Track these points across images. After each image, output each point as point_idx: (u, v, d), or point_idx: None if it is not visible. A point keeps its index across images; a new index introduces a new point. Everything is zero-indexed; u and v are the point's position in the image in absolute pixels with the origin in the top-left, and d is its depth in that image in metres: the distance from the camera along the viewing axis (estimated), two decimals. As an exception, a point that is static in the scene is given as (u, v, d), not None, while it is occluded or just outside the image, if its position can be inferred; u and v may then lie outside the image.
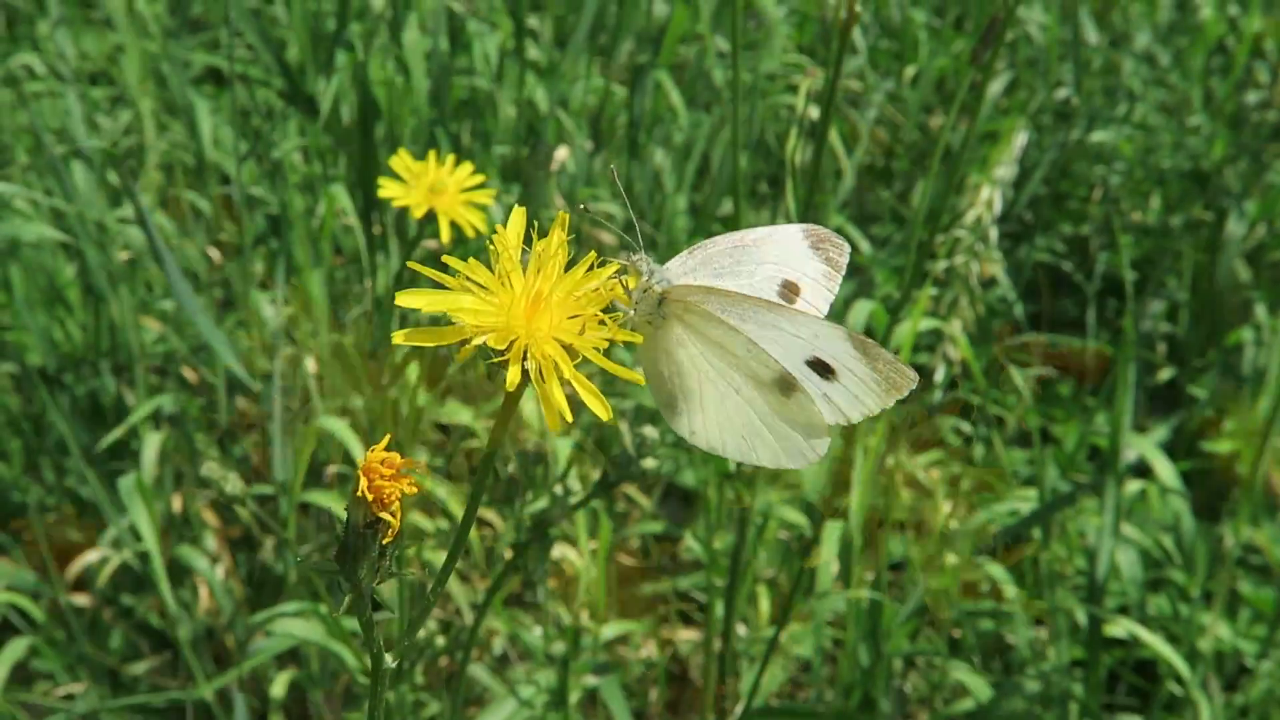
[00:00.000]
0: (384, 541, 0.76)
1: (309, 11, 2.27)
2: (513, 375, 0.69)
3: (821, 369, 0.81)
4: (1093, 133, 2.58)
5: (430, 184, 1.15)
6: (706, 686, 1.70)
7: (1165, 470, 1.73)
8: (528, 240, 0.75)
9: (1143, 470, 2.10)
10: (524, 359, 0.69)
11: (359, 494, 0.73)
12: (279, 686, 1.84)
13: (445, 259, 0.72)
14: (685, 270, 0.85)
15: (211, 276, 2.44)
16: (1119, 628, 1.70)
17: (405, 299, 0.71)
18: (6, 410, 2.11)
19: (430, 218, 1.17)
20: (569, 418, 0.69)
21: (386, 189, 1.17)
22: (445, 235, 1.16)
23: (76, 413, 2.15)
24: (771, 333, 0.81)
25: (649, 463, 0.94)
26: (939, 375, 1.82)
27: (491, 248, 0.73)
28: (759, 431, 0.84)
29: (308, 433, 1.81)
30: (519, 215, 0.77)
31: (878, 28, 2.99)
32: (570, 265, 0.75)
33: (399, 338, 0.70)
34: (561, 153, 1.81)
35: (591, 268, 0.76)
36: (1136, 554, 1.64)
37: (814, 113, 1.32)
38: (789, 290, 0.87)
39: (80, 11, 2.84)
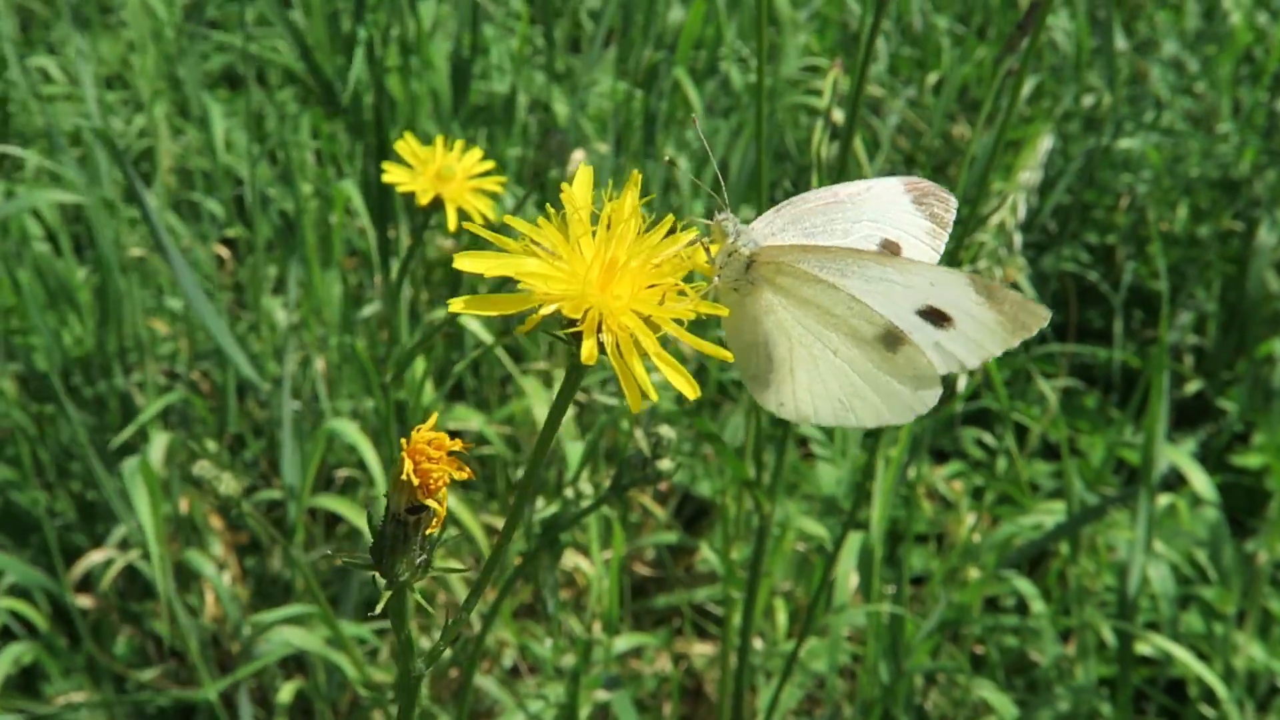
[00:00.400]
0: (426, 533, 0.70)
1: (327, 12, 2.24)
2: (589, 348, 0.62)
3: (936, 317, 0.76)
4: (1120, 140, 2.54)
5: (437, 170, 1.11)
6: (722, 702, 1.66)
7: (1201, 483, 1.68)
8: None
9: (1169, 484, 2.05)
10: (599, 331, 0.63)
11: (403, 477, 0.67)
12: (285, 696, 1.80)
13: (508, 219, 0.66)
14: (772, 231, 0.79)
15: (223, 279, 2.41)
16: (1149, 645, 1.65)
17: (465, 262, 0.64)
18: (13, 413, 2.08)
19: (437, 206, 1.12)
20: (654, 396, 0.63)
21: (391, 174, 1.12)
22: (452, 223, 1.12)
23: (84, 415, 2.12)
24: (878, 286, 0.76)
25: (665, 464, 0.89)
26: (961, 385, 1.77)
27: (552, 215, 0.67)
28: (859, 391, 0.79)
29: (318, 435, 1.77)
30: (586, 173, 0.71)
31: (899, 34, 2.95)
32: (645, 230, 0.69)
33: (457, 305, 0.64)
34: (578, 154, 1.77)
35: (671, 231, 0.69)
36: (1169, 570, 1.58)
37: (837, 110, 1.28)
38: (888, 250, 0.82)
39: (96, 15, 2.82)
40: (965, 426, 2.32)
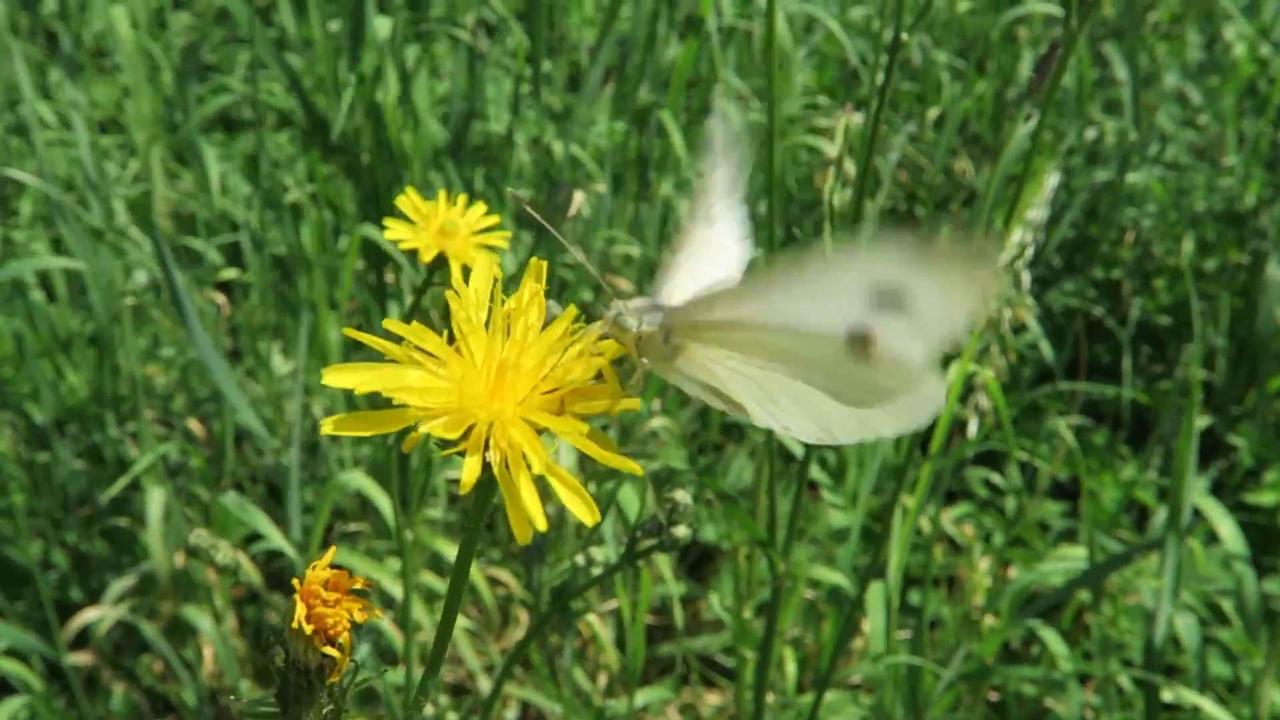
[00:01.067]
0: (331, 680, 0.62)
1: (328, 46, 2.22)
2: (469, 470, 0.54)
3: (890, 306, 0.61)
4: (1127, 174, 2.51)
5: (440, 226, 1.07)
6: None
7: (1227, 529, 1.63)
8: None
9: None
10: (485, 448, 0.55)
11: (295, 625, 0.60)
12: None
13: (387, 323, 0.58)
14: (672, 284, 0.70)
15: (220, 325, 2.38)
16: (1172, 692, 1.61)
17: (332, 377, 0.57)
18: (6, 465, 2.04)
19: (441, 262, 1.09)
20: (542, 525, 0.54)
21: (393, 231, 1.09)
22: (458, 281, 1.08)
23: (77, 467, 2.09)
24: (812, 304, 0.62)
25: (681, 531, 0.85)
26: (972, 428, 1.74)
27: (451, 307, 0.60)
28: (856, 414, 0.65)
29: (327, 490, 1.73)
30: (486, 263, 0.63)
31: (899, 69, 2.93)
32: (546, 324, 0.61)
33: (328, 426, 0.56)
34: (578, 196, 1.74)
35: (576, 324, 0.62)
36: (1195, 621, 1.54)
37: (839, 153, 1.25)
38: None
39: (91, 60, 2.81)
40: (972, 466, 2.29)
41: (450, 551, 1.75)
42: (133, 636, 2.06)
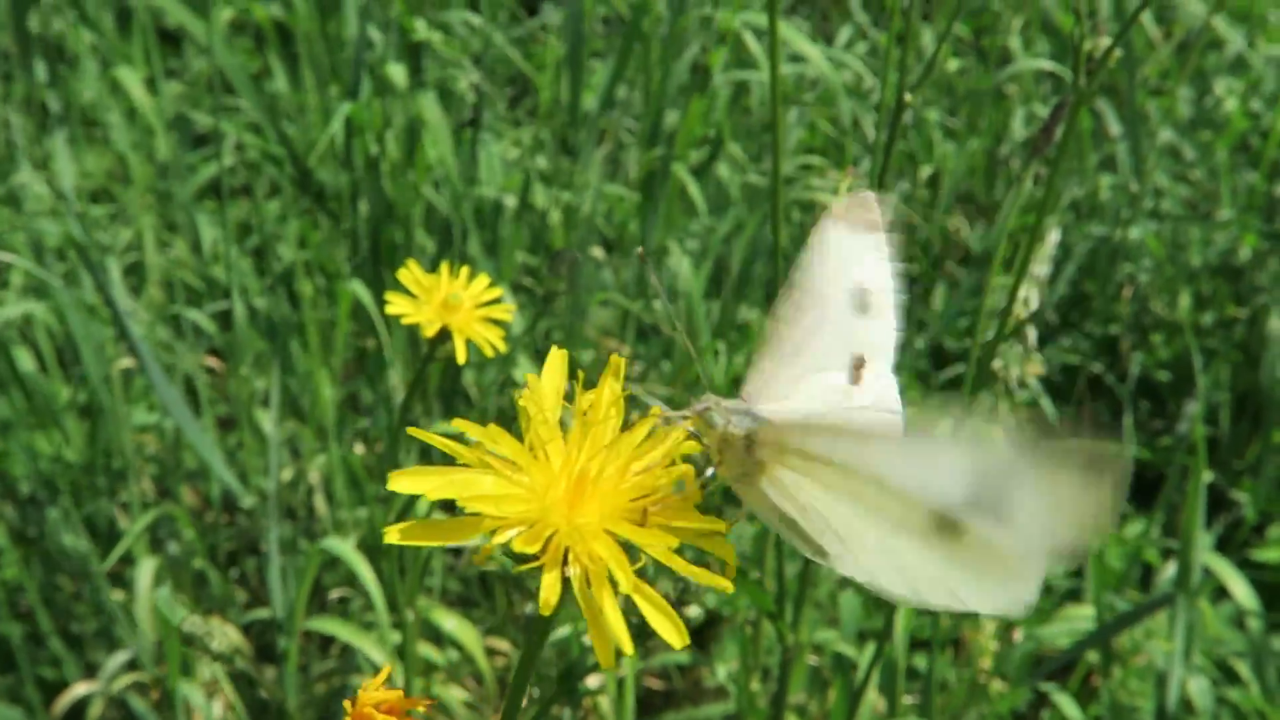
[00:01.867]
0: None
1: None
2: (549, 587, 0.51)
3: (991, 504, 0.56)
4: (1127, 228, 2.51)
5: (443, 299, 1.05)
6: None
7: (1240, 590, 1.61)
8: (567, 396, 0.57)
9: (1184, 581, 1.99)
10: (564, 562, 0.52)
11: None
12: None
13: (458, 423, 0.55)
14: (765, 383, 0.65)
15: (214, 394, 2.36)
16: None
17: (402, 482, 0.53)
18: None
19: (444, 336, 1.07)
20: (629, 649, 0.50)
21: (394, 305, 1.07)
22: (462, 356, 1.05)
23: (69, 541, 2.06)
24: (915, 461, 0.57)
25: (693, 611, 0.82)
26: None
27: (522, 407, 0.56)
28: (928, 580, 0.59)
29: (310, 555, 1.70)
30: (558, 360, 0.59)
31: (889, 127, 2.94)
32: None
33: (392, 535, 0.52)
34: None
35: (654, 430, 0.57)
36: (1208, 683, 1.51)
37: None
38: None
39: (82, 130, 2.80)
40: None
41: (447, 622, 1.72)
42: (122, 709, 2.02)
